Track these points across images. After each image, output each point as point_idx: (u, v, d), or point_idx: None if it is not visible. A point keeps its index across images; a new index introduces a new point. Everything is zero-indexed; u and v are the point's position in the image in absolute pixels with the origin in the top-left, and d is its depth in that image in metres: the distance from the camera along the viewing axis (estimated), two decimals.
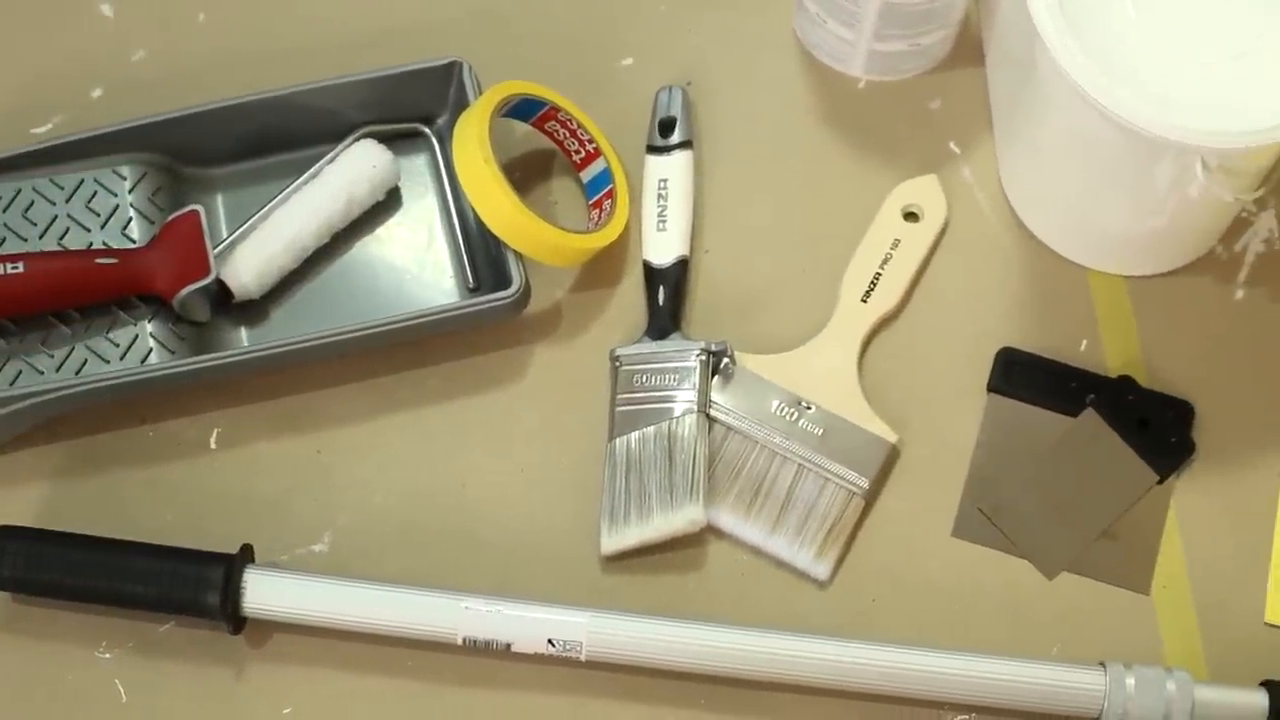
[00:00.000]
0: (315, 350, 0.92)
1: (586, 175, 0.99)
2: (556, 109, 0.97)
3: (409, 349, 0.95)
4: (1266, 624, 0.92)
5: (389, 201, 0.98)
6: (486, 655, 0.88)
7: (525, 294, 0.93)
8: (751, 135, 1.02)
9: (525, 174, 1.00)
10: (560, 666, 0.88)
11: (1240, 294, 1.00)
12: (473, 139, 0.92)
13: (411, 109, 0.99)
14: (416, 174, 0.99)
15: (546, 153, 1.01)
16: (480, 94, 0.96)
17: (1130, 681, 0.87)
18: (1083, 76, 0.87)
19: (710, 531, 0.92)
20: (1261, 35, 0.89)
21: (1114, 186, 0.94)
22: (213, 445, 0.94)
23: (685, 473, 0.91)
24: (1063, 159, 0.95)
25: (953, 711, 0.89)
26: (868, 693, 0.88)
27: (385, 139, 0.98)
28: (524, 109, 0.97)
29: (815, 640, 0.88)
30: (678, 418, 0.92)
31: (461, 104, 0.96)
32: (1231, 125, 0.86)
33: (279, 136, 0.98)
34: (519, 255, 0.93)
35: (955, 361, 0.97)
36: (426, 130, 0.99)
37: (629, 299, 0.97)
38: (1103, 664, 0.88)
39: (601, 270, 0.98)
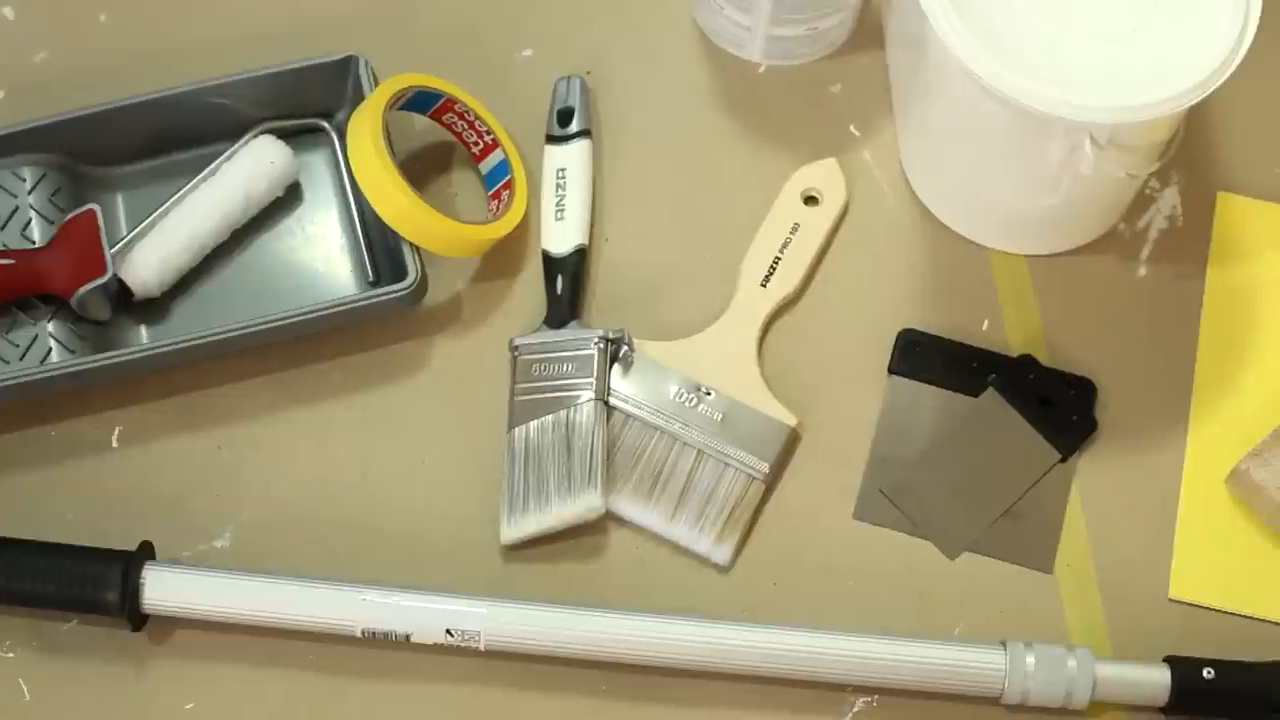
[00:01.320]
0: (215, 346, 0.92)
1: (485, 166, 0.99)
2: (453, 101, 0.97)
3: (309, 343, 0.95)
4: (1170, 600, 0.92)
5: (290, 197, 0.98)
6: (386, 647, 0.88)
7: (422, 286, 0.93)
8: (652, 123, 1.02)
9: (425, 167, 1.00)
10: (460, 656, 0.88)
11: (1143, 271, 1.00)
12: (365, 133, 0.92)
13: (311, 105, 0.99)
14: (317, 169, 0.99)
15: (446, 145, 1.01)
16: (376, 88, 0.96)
17: (1030, 660, 0.87)
18: (968, 55, 0.87)
19: (611, 519, 0.92)
20: (1150, 12, 0.89)
21: (1008, 165, 0.94)
22: (114, 444, 0.93)
23: (583, 461, 0.91)
24: (958, 139, 0.95)
25: (855, 694, 0.89)
26: (769, 676, 0.88)
27: (286, 135, 0.98)
28: (420, 102, 0.97)
29: (716, 625, 0.88)
30: (576, 406, 0.92)
31: (359, 99, 0.97)
32: (1119, 101, 0.86)
33: (179, 135, 0.98)
34: (415, 247, 0.93)
35: (856, 344, 0.97)
36: (326, 126, 0.99)
37: (530, 289, 0.97)
38: (1003, 643, 0.88)
39: (502, 260, 0.98)
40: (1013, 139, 0.91)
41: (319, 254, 0.97)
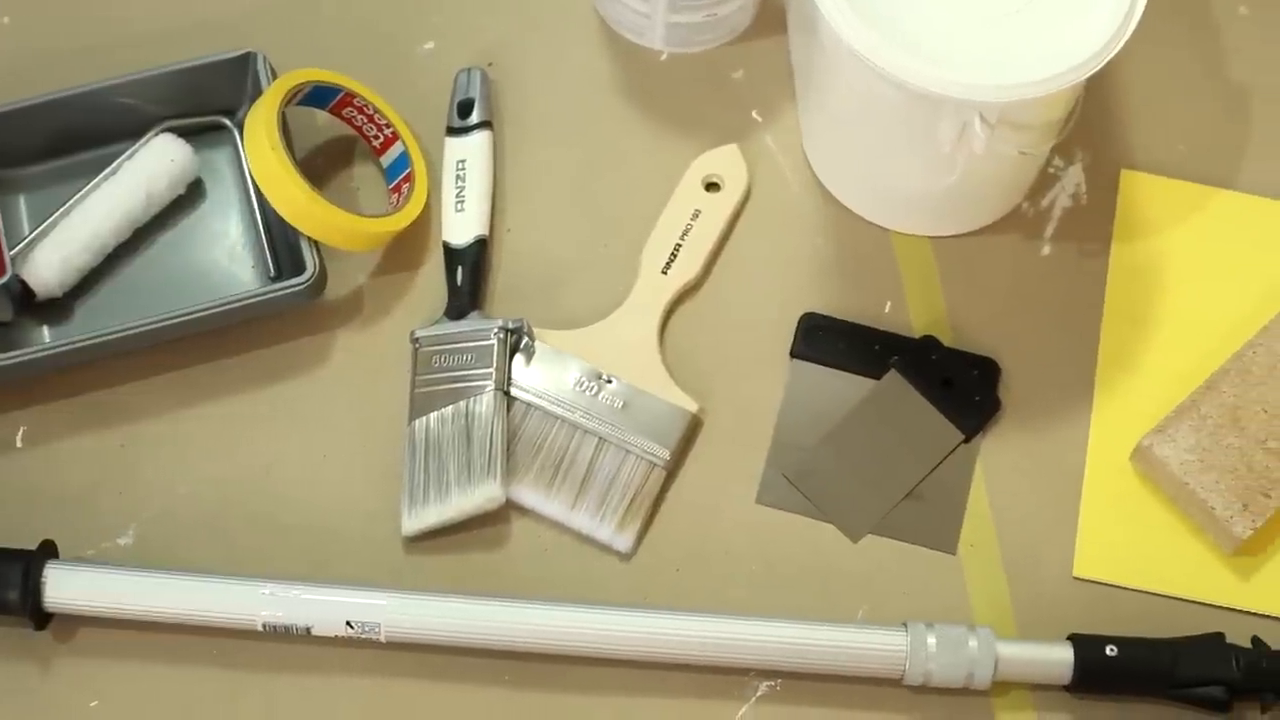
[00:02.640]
0: (116, 344, 0.92)
1: (386, 160, 0.99)
2: (352, 95, 0.98)
3: (212, 340, 0.95)
4: (1075, 578, 0.92)
5: (192, 194, 0.98)
6: (289, 640, 0.88)
7: (320, 280, 0.93)
8: (554, 113, 1.03)
9: (328, 161, 1.00)
10: (363, 649, 0.88)
11: (1047, 250, 1.00)
12: (261, 128, 0.93)
13: (212, 102, 0.99)
14: (219, 166, 1.00)
15: (349, 140, 1.01)
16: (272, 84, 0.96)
17: (932, 640, 0.87)
18: (855, 37, 0.87)
19: (512, 508, 0.92)
20: None
21: (903, 147, 0.94)
22: (18, 444, 0.93)
23: (483, 451, 0.91)
24: (854, 122, 0.95)
25: (758, 678, 0.89)
26: (672, 663, 0.88)
27: (189, 133, 0.99)
28: (318, 96, 0.97)
29: (618, 612, 0.88)
30: (476, 397, 0.92)
31: (258, 95, 0.96)
32: (1006, 80, 0.86)
33: (82, 135, 0.99)
34: (313, 242, 0.93)
35: (759, 329, 0.97)
36: (228, 123, 0.99)
37: (432, 281, 0.97)
38: (905, 624, 0.88)
39: (404, 253, 0.98)
40: (905, 120, 0.91)
41: (221, 251, 0.97)
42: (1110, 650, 0.88)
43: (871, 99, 0.91)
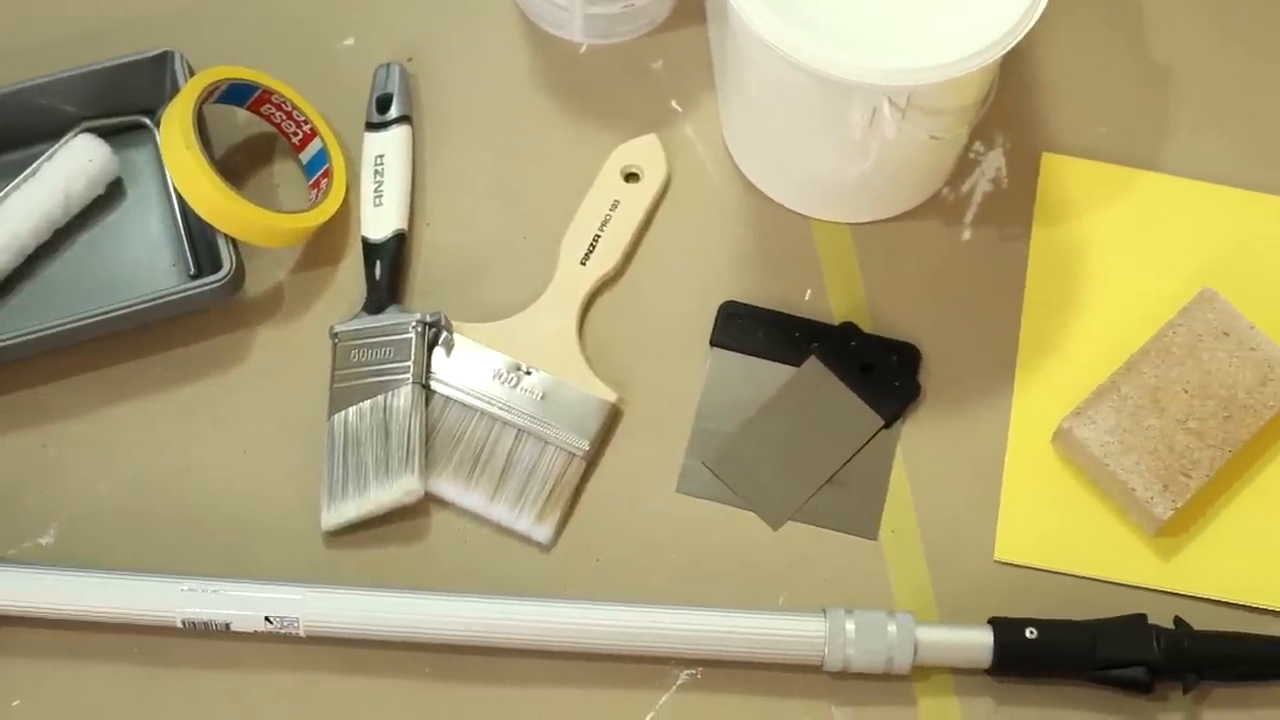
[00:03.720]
0: (36, 344, 0.92)
1: (305, 156, 0.99)
2: (270, 92, 0.98)
3: (133, 339, 0.95)
4: (996, 562, 0.92)
5: (113, 194, 0.99)
6: (209, 636, 0.88)
7: (237, 277, 0.93)
8: (474, 107, 1.03)
9: (248, 159, 1.00)
10: (283, 644, 0.88)
11: (967, 235, 1.00)
12: (175, 127, 0.93)
13: (132, 102, 0.99)
14: (140, 166, 1.00)
15: (269, 136, 1.01)
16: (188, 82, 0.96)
17: (850, 626, 0.87)
18: (761, 23, 0.87)
19: (432, 501, 0.92)
20: None
21: (817, 134, 0.94)
22: None
23: (401, 444, 0.91)
24: (769, 110, 0.95)
25: (679, 666, 0.89)
26: (592, 652, 0.88)
27: (109, 133, 0.99)
28: (236, 94, 0.97)
29: (537, 604, 0.88)
30: (394, 390, 0.92)
31: (176, 94, 0.97)
32: (913, 64, 0.86)
33: (1, 137, 0.99)
34: (230, 239, 0.94)
35: (680, 318, 0.97)
36: (148, 122, 0.99)
37: (352, 276, 0.97)
38: (824, 611, 0.88)
39: (324, 248, 0.98)
40: (817, 107, 0.91)
41: (142, 250, 0.98)
42: (1030, 633, 0.88)
43: (783, 87, 0.91)
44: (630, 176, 0.99)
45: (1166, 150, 1.02)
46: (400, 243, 0.97)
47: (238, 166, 0.99)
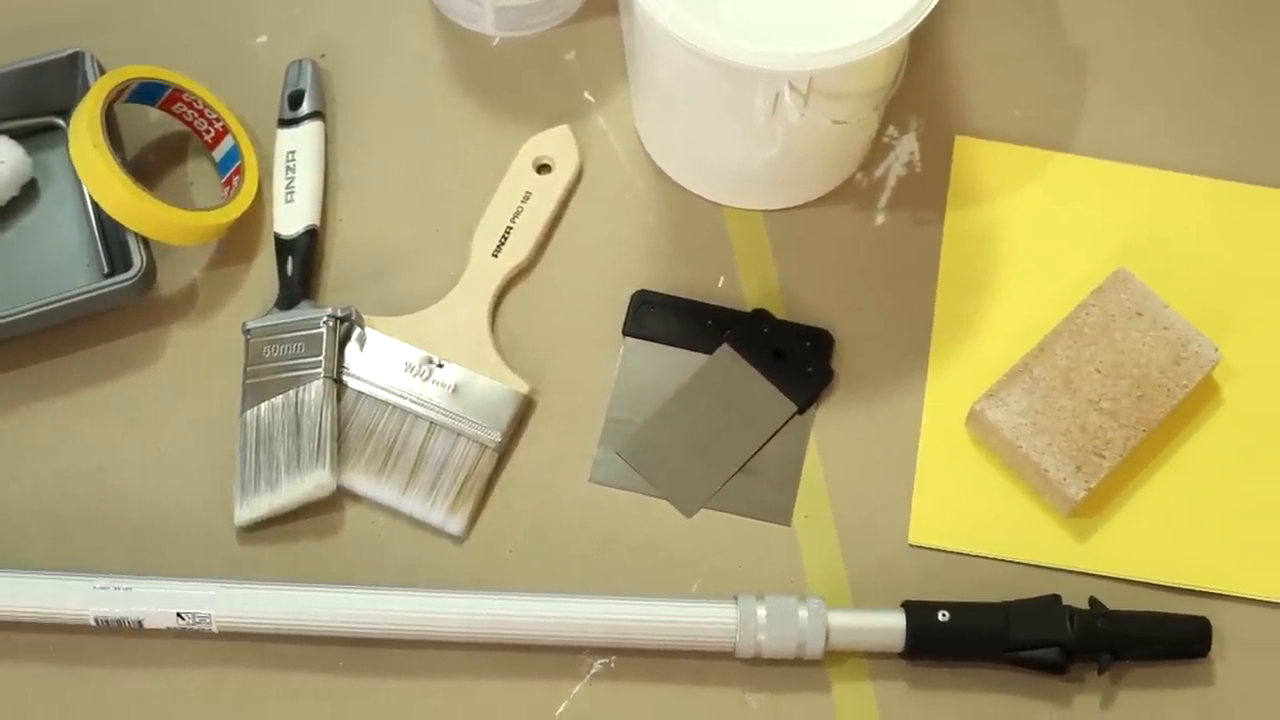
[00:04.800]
0: None
1: (217, 154, 0.99)
2: (181, 91, 0.98)
3: (46, 339, 0.95)
4: (911, 545, 0.92)
5: (27, 195, 0.99)
6: (123, 634, 0.88)
7: (148, 275, 0.93)
8: (387, 102, 1.03)
9: (162, 157, 1.00)
10: (197, 640, 0.88)
11: (881, 219, 1.00)
12: (84, 127, 0.93)
13: (45, 103, 0.99)
14: (54, 167, 1.00)
15: (182, 135, 1.01)
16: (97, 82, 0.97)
17: (762, 612, 0.87)
18: (662, 12, 0.87)
19: (345, 495, 0.92)
20: None
21: (723, 121, 0.94)
22: None
23: (312, 439, 0.91)
24: (677, 99, 0.96)
25: (592, 656, 0.89)
26: (505, 643, 0.88)
27: (22, 134, 0.99)
28: (147, 93, 0.97)
29: (450, 595, 0.88)
30: (305, 385, 0.92)
31: None
32: (811, 48, 0.86)
33: None
34: (140, 237, 0.94)
35: (593, 308, 0.97)
36: (60, 123, 0.99)
37: (266, 272, 0.97)
38: (735, 597, 0.88)
39: (238, 245, 0.98)
40: (722, 95, 0.91)
41: (58, 250, 0.98)
42: (942, 615, 0.88)
43: (689, 75, 0.91)
44: (542, 168, 1.00)
45: (1081, 131, 1.03)
46: (312, 238, 0.97)
47: (151, 165, 0.99)
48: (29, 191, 0.99)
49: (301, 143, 0.99)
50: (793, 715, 0.88)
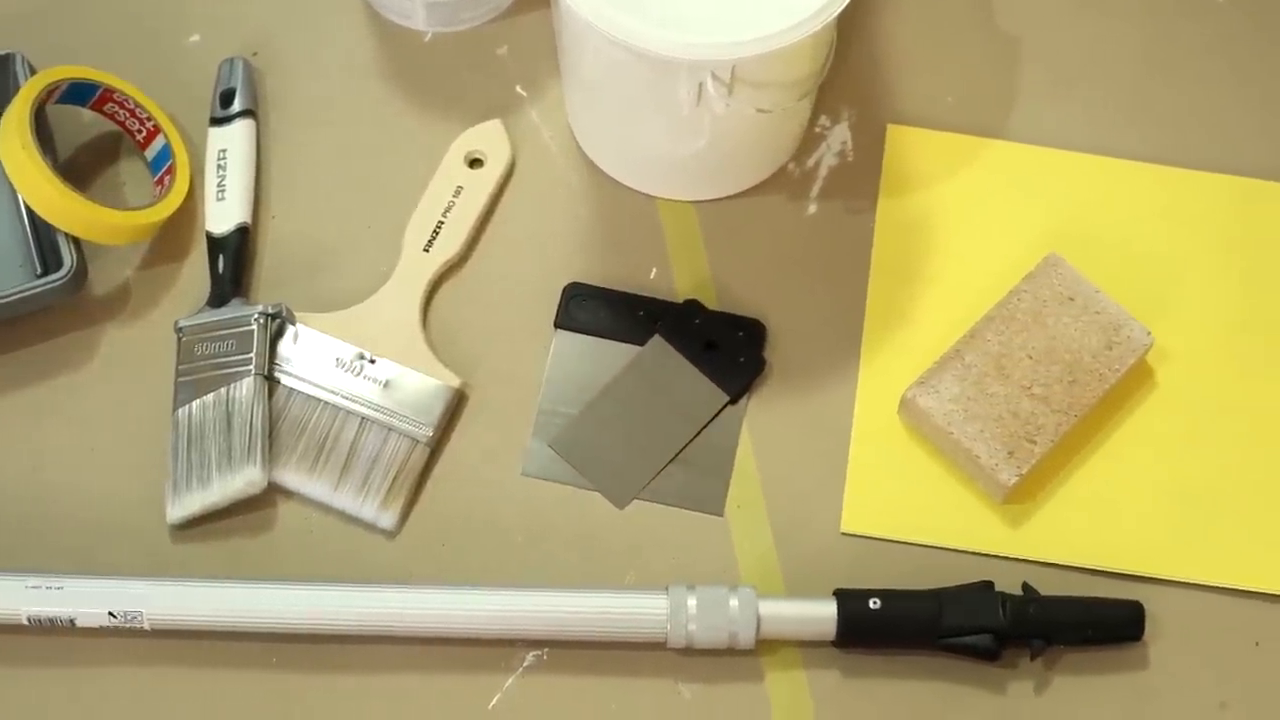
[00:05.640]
0: None
1: (149, 153, 0.99)
2: (112, 91, 0.98)
3: None
4: (843, 534, 0.92)
5: None
6: (55, 633, 0.88)
7: (78, 275, 0.93)
8: (320, 98, 1.03)
9: (95, 158, 1.01)
10: (130, 639, 0.88)
11: (813, 209, 1.00)
12: (12, 128, 0.93)
13: None
14: None
15: (114, 135, 1.01)
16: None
17: (692, 602, 0.87)
18: (584, 2, 0.87)
19: (278, 492, 0.92)
20: None
21: (651, 112, 0.94)
22: None
23: (243, 436, 0.91)
24: (604, 91, 0.96)
25: (525, 648, 0.89)
26: (438, 637, 0.88)
27: None
28: (78, 94, 0.98)
29: (383, 590, 0.88)
30: (236, 382, 0.92)
31: None
32: (730, 37, 0.86)
33: None
34: (71, 237, 0.94)
35: (526, 301, 0.97)
36: None
37: (199, 271, 0.97)
38: (666, 588, 0.88)
39: (170, 244, 0.98)
40: (646, 86, 0.91)
41: None
42: (874, 603, 0.88)
43: (614, 67, 0.91)
44: (474, 162, 1.00)
45: (1014, 117, 1.03)
46: (243, 236, 0.97)
47: (85, 166, 0.99)
48: None
49: (233, 141, 0.99)
50: (726, 705, 0.88)
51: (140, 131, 0.99)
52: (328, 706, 0.88)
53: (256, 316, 0.93)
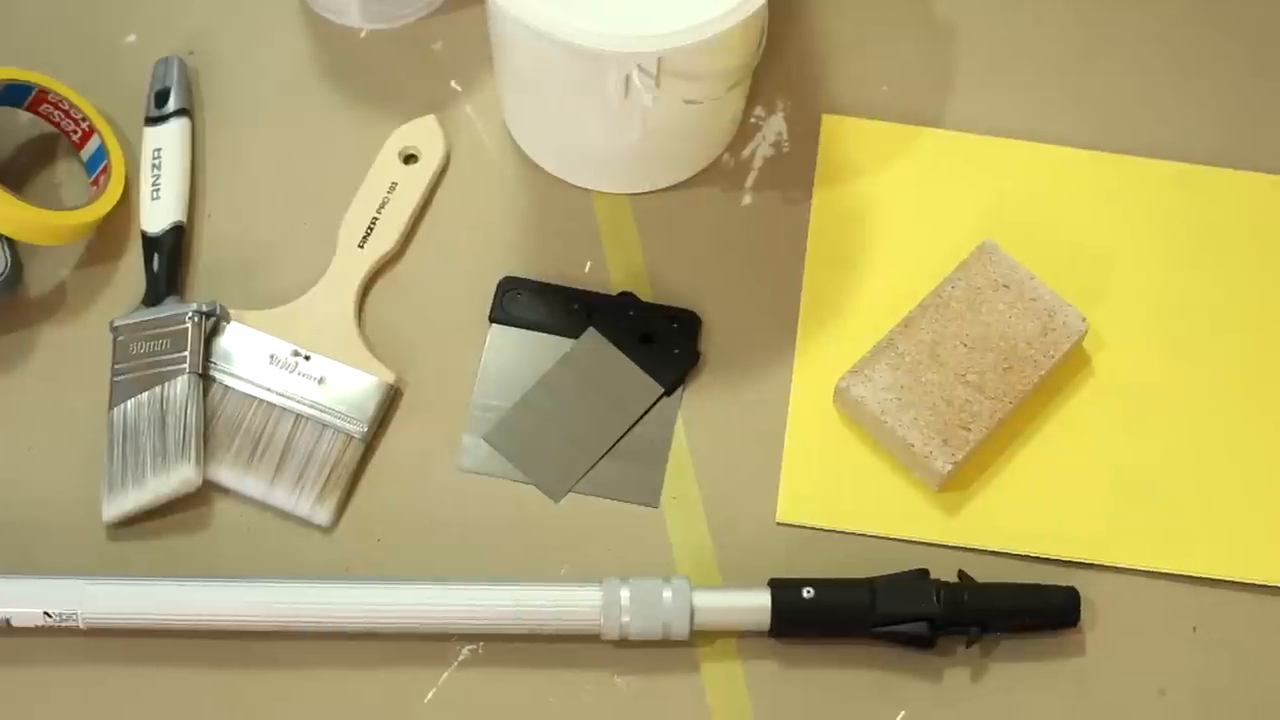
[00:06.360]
0: None
1: (85, 154, 0.99)
2: (46, 92, 0.98)
3: None
4: (778, 524, 0.92)
5: None
6: None
7: (13, 276, 0.94)
8: (256, 97, 1.03)
9: (32, 159, 1.01)
10: (66, 638, 0.88)
11: (748, 200, 1.00)
12: None
13: None
14: None
15: (51, 136, 1.01)
16: None
17: (625, 594, 0.87)
18: None
19: (214, 489, 0.92)
20: None
21: (581, 107, 0.94)
22: None
23: (177, 434, 0.91)
24: (536, 86, 0.96)
25: (460, 642, 0.89)
26: (373, 632, 0.88)
27: None
28: (12, 95, 0.98)
29: (317, 585, 0.88)
30: (170, 381, 0.92)
31: None
32: (657, 29, 0.86)
33: None
34: (4, 238, 0.94)
35: (461, 296, 0.97)
36: None
37: (135, 270, 0.97)
38: (600, 580, 0.88)
39: (106, 244, 0.99)
40: (575, 79, 0.91)
41: None
42: (808, 593, 0.88)
43: (542, 60, 0.92)
44: (409, 158, 1.00)
45: (950, 105, 1.03)
46: (178, 235, 0.97)
47: (22, 167, 1.00)
48: None
49: (167, 140, 0.99)
50: (662, 696, 0.88)
51: (75, 132, 0.99)
52: (265, 703, 0.88)
53: (191, 315, 0.94)
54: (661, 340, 0.95)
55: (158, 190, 0.98)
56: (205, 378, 0.93)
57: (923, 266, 0.97)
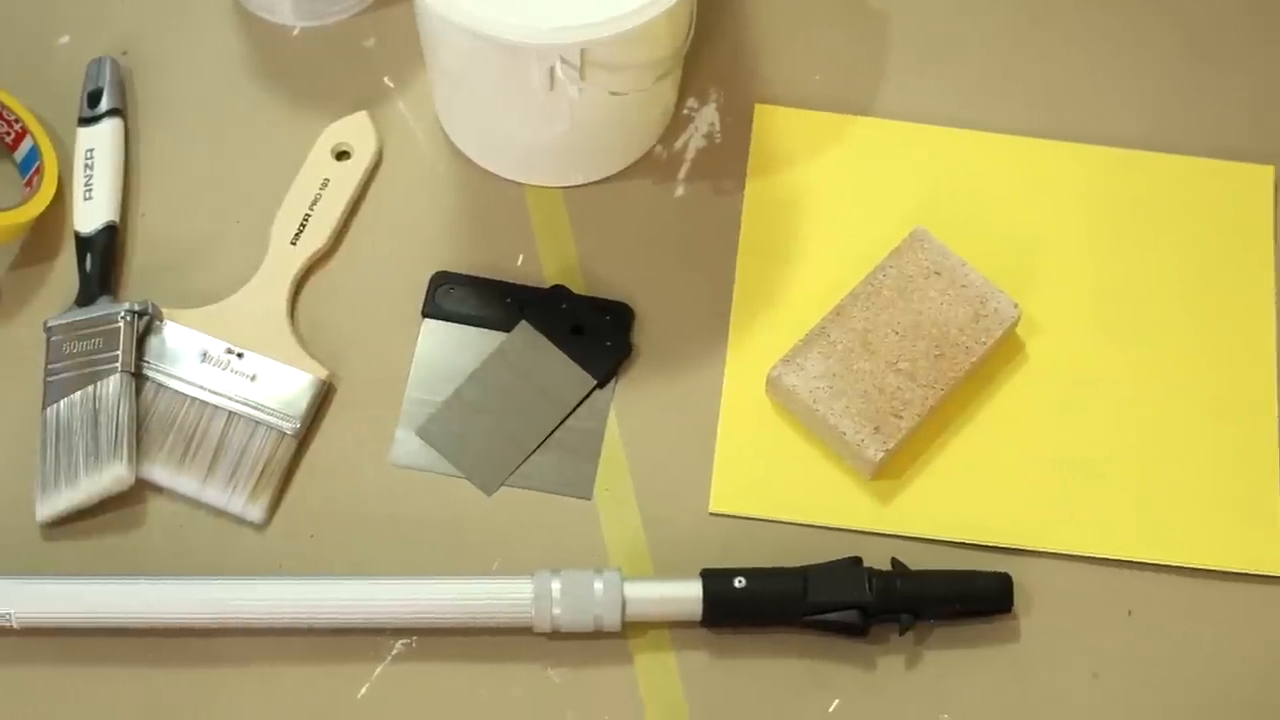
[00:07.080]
0: None
1: (18, 155, 1.00)
2: None
3: None
4: (712, 514, 0.92)
5: None
6: None
7: None
8: (189, 96, 1.03)
9: None
10: (0, 638, 0.88)
11: (681, 191, 1.00)
12: None
13: None
14: None
15: None
16: None
17: (556, 586, 0.88)
18: None
19: (147, 488, 0.92)
20: None
21: (508, 100, 0.94)
22: None
23: (109, 433, 0.91)
24: (463, 80, 0.96)
25: (394, 636, 0.89)
26: (306, 628, 0.89)
27: None
28: None
29: (247, 582, 0.89)
30: (103, 380, 0.92)
31: None
32: (577, 20, 0.86)
33: None
34: None
35: (394, 291, 0.97)
36: None
37: (69, 270, 0.97)
38: (531, 573, 0.89)
39: (40, 245, 0.99)
40: (499, 72, 0.92)
41: None
42: (739, 582, 0.88)
43: (467, 54, 0.92)
44: (341, 155, 1.00)
45: (882, 94, 1.03)
46: (111, 234, 0.97)
47: None
48: None
49: (100, 140, 0.99)
50: (595, 688, 0.88)
51: (8, 134, 0.99)
52: (199, 700, 0.88)
53: (123, 314, 0.94)
54: (594, 332, 0.95)
55: (90, 190, 0.98)
56: (138, 376, 0.94)
57: (855, 254, 0.97)
